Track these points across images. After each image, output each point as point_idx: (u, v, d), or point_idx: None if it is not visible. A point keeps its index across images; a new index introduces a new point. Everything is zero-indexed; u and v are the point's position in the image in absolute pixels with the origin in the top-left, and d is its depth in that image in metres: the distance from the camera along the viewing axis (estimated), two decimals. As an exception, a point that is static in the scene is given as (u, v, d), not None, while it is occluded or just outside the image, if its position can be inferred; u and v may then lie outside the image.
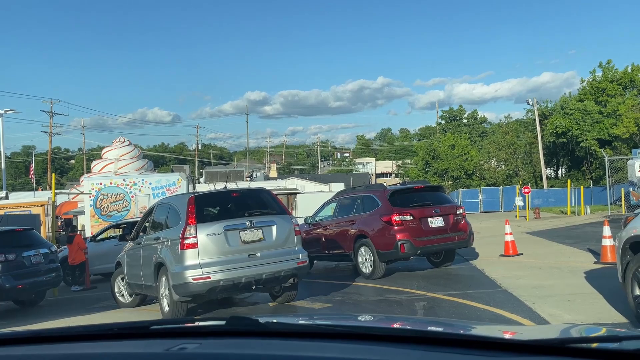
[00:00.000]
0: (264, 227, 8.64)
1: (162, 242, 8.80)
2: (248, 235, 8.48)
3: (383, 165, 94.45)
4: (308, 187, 39.09)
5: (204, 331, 1.95)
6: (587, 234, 17.50)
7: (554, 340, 1.61)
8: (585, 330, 2.01)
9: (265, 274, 8.41)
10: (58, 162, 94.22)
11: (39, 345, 1.89)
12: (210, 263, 8.17)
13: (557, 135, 43.88)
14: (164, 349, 1.65)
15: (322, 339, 1.70)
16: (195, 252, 8.13)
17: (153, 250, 9.10)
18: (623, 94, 44.51)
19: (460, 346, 1.54)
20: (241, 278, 8.26)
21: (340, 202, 13.47)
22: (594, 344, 1.53)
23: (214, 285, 8.13)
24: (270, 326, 1.86)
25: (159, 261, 8.79)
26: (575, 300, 8.02)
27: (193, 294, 8.30)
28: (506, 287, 9.43)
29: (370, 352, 1.54)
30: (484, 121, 73.56)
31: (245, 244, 8.43)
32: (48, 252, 11.95)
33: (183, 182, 27.39)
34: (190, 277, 8.07)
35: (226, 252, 8.28)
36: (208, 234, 8.23)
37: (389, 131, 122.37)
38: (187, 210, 8.35)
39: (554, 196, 40.96)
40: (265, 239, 8.59)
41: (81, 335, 1.99)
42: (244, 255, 8.37)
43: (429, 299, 9.11)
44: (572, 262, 11.81)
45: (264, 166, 76.60)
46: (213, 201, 9.06)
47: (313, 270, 13.97)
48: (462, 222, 12.22)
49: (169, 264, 8.39)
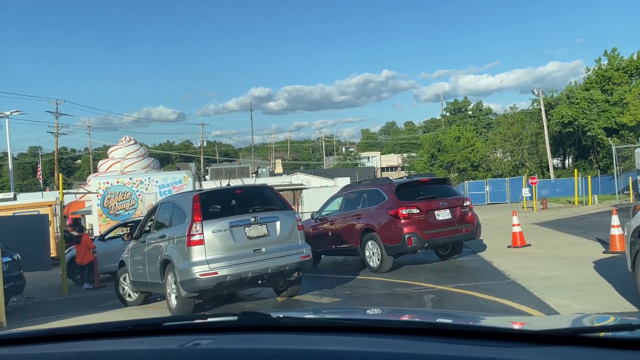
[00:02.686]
0: (268, 223, 8.78)
1: (168, 240, 8.89)
2: (253, 231, 8.64)
3: (388, 159, 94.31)
4: (314, 182, 39.11)
5: (216, 327, 1.95)
6: (595, 224, 17.42)
7: (566, 330, 1.60)
8: (596, 320, 2.00)
9: (270, 268, 8.56)
10: (65, 163, 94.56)
11: (54, 343, 1.90)
12: (217, 259, 8.29)
13: (563, 125, 43.65)
14: (179, 345, 1.66)
15: (334, 332, 1.71)
16: (202, 249, 8.26)
17: (158, 248, 9.21)
18: (629, 82, 44.23)
19: (471, 337, 1.54)
20: (247, 273, 8.41)
21: (346, 196, 13.45)
22: (606, 333, 1.52)
23: (221, 280, 8.27)
24: (282, 321, 1.87)
25: (165, 258, 8.89)
26: (585, 290, 7.97)
27: (201, 290, 8.41)
28: (515, 278, 9.40)
29: (382, 345, 1.54)
30: (489, 112, 73.39)
31: (251, 240, 8.58)
32: (11, 260, 11.92)
33: (189, 180, 27.44)
34: (198, 273, 8.20)
35: (232, 247, 8.43)
36: (214, 230, 8.36)
37: (393, 124, 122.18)
38: (192, 207, 8.47)
39: (561, 186, 40.82)
40: (270, 234, 8.75)
41: (96, 333, 2.00)
42: (249, 251, 8.51)
43: (438, 292, 9.09)
44: (580, 252, 11.75)
45: (269, 162, 76.62)
46: (217, 198, 9.11)
47: (320, 265, 13.99)
48: (469, 214, 12.18)
49: (176, 261, 8.50)
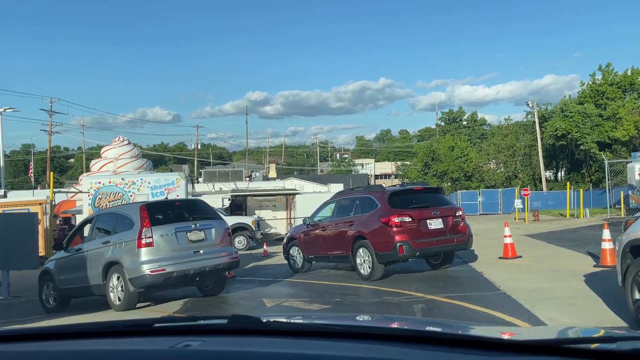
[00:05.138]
0: (206, 229, 10.32)
1: (114, 245, 10.10)
2: (193, 235, 10.14)
3: (382, 166, 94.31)
4: (307, 187, 38.97)
5: (206, 329, 1.98)
6: (587, 237, 17.47)
7: (550, 341, 1.62)
8: (582, 332, 2.01)
9: (208, 267, 10.10)
10: (57, 161, 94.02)
11: (45, 342, 1.92)
12: (164, 258, 9.70)
13: (556, 137, 43.77)
14: (169, 346, 1.68)
15: (322, 337, 1.73)
16: (151, 250, 9.65)
17: (101, 253, 10.33)
18: (623, 97, 44.44)
19: (457, 346, 1.55)
20: (190, 270, 9.87)
21: (339, 202, 13.42)
22: (590, 345, 1.54)
23: (168, 275, 9.66)
24: (271, 324, 1.90)
25: (110, 261, 10.03)
26: (575, 303, 7.97)
27: (150, 284, 9.72)
28: (505, 290, 9.39)
29: (369, 351, 1.55)
30: (484, 123, 73.49)
31: (192, 243, 10.09)
32: None
33: (182, 182, 27.27)
34: (148, 270, 9.55)
35: (177, 249, 9.89)
36: (162, 234, 9.80)
37: (388, 132, 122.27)
38: (140, 216, 9.82)
39: (553, 199, 40.97)
40: (207, 238, 10.30)
41: (87, 332, 2.03)
42: (190, 252, 10.02)
43: (428, 301, 9.07)
44: (571, 265, 11.77)
45: (263, 166, 76.48)
46: (160, 208, 10.48)
47: (310, 271, 13.94)
48: (462, 224, 12.18)
49: (125, 261, 9.73)
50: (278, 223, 28.76)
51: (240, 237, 24.25)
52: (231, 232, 24.00)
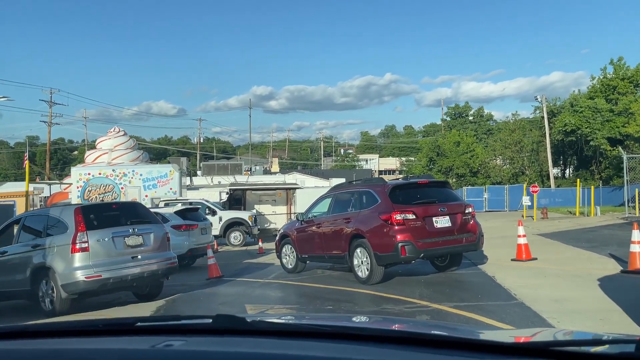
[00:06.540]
0: (144, 234, 9.91)
1: (45, 249, 9.49)
2: (131, 240, 9.73)
3: (387, 161, 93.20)
4: (308, 182, 37.87)
5: (190, 329, 1.94)
6: (605, 237, 16.21)
7: (538, 343, 1.66)
8: (573, 335, 2.01)
9: (146, 272, 9.74)
10: (61, 153, 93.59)
11: (26, 340, 1.90)
12: (100, 264, 9.25)
13: (565, 133, 42.59)
14: (150, 346, 1.66)
15: (309, 338, 1.71)
16: (87, 255, 9.17)
17: (29, 257, 9.72)
18: (635, 92, 43.22)
19: (445, 347, 1.52)
20: (127, 276, 9.48)
21: (335, 197, 12.16)
22: (579, 347, 1.49)
23: (104, 282, 9.27)
24: (256, 325, 1.88)
25: (40, 265, 9.46)
26: (610, 318, 6.68)
27: (84, 291, 9.29)
28: (523, 299, 8.13)
29: (355, 352, 1.53)
30: (490, 119, 72.21)
31: (129, 248, 9.68)
32: None
33: (176, 174, 26.18)
34: (83, 276, 9.09)
35: (114, 254, 9.45)
36: (98, 239, 9.33)
37: (393, 128, 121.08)
38: (75, 219, 9.32)
39: (561, 196, 40.03)
40: (145, 243, 9.89)
41: (68, 330, 2.02)
42: (128, 257, 9.59)
43: (433, 312, 7.85)
44: (594, 269, 10.49)
45: (267, 160, 75.39)
46: (97, 212, 9.96)
47: (304, 272, 12.73)
48: (471, 222, 10.91)
49: (57, 266, 9.21)
50: (278, 218, 27.64)
51: (236, 233, 23.36)
52: (227, 227, 23.58)
